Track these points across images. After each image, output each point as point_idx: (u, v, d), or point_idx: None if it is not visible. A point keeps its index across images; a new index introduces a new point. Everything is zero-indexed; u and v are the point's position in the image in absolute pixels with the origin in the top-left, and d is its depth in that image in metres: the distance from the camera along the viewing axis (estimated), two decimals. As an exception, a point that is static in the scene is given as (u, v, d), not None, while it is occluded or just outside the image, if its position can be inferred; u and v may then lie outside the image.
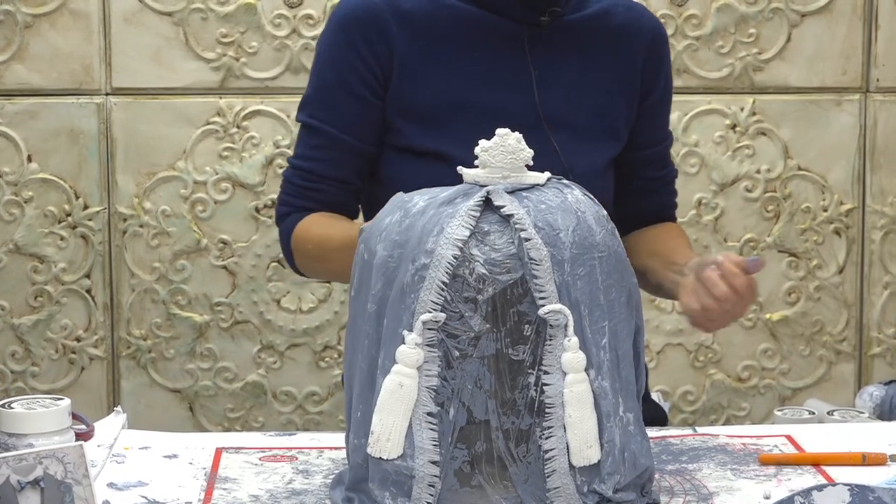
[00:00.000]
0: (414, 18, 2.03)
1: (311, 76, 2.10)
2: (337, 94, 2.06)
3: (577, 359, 1.48)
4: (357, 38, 2.04)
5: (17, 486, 1.26)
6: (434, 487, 1.48)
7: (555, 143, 2.04)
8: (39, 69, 3.08)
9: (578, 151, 2.06)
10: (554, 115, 2.05)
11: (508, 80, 2.04)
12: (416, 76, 2.03)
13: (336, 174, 2.08)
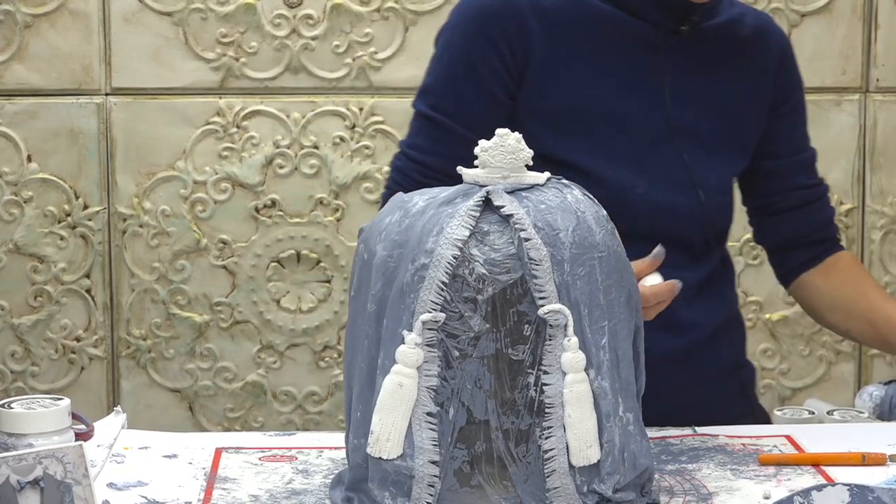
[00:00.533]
0: (553, 16, 1.96)
1: (435, 66, 2.01)
2: (466, 88, 1.97)
3: (576, 359, 1.48)
4: (494, 31, 1.95)
5: (17, 485, 1.26)
6: (434, 487, 1.48)
7: (684, 156, 1.99)
8: (39, 69, 3.08)
9: (708, 165, 2.01)
10: (684, 126, 1.99)
11: (641, 87, 1.98)
12: (552, 77, 1.96)
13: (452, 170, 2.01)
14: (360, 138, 3.11)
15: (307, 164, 3.11)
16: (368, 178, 3.12)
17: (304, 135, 3.11)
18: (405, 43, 3.11)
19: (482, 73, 1.96)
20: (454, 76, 1.98)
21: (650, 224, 1.96)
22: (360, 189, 3.12)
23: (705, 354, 2.03)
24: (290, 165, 3.11)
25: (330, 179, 3.12)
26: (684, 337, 2.01)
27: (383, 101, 3.11)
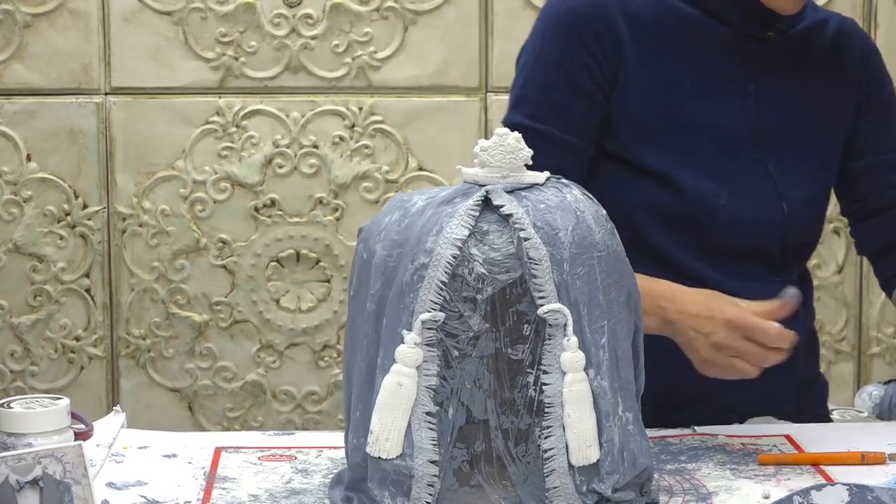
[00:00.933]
0: (640, 19, 1.93)
1: (527, 75, 1.95)
2: (563, 93, 1.92)
3: (576, 358, 1.48)
4: (586, 33, 1.91)
5: (16, 485, 1.26)
6: (433, 487, 1.48)
7: (769, 166, 1.96)
8: (39, 69, 3.08)
9: (792, 175, 1.97)
10: (769, 135, 1.96)
11: (725, 93, 1.95)
12: (639, 80, 1.92)
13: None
14: (359, 138, 3.11)
15: (307, 163, 3.11)
16: (368, 177, 3.12)
17: (304, 134, 3.11)
18: (405, 42, 3.11)
19: (578, 76, 1.92)
20: (550, 82, 1.93)
21: (731, 237, 1.94)
22: (359, 188, 3.12)
23: (783, 369, 2.01)
24: (289, 165, 3.11)
25: (329, 179, 3.12)
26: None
27: (383, 100, 3.11)
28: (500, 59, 3.10)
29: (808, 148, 1.99)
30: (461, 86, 3.11)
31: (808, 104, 1.99)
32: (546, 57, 1.94)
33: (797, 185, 1.98)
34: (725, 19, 1.95)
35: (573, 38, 1.92)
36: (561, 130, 1.92)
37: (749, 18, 1.94)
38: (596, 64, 1.91)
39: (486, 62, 3.11)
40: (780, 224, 1.97)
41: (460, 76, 3.11)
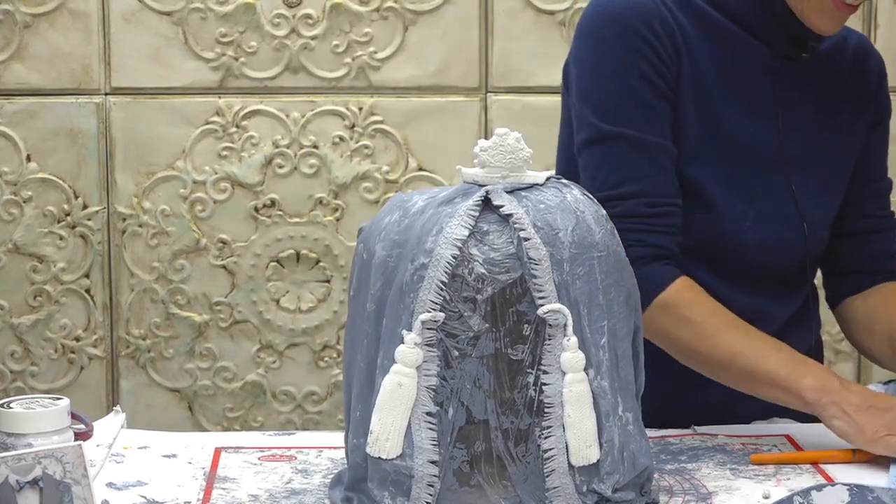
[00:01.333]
0: (685, 28, 1.89)
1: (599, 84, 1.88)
2: (646, 95, 1.86)
3: (576, 358, 1.48)
4: (650, 35, 1.86)
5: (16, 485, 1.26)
6: (433, 487, 1.48)
7: (794, 188, 1.95)
8: (38, 69, 3.08)
9: (814, 197, 1.96)
10: (795, 156, 1.94)
11: (757, 113, 1.92)
12: (687, 89, 1.89)
13: (672, 188, 1.87)
14: (359, 138, 3.11)
15: (306, 163, 3.11)
16: (368, 177, 3.12)
17: (304, 134, 3.11)
18: (404, 42, 3.11)
19: (653, 76, 1.86)
20: (630, 88, 1.86)
21: (754, 258, 1.93)
22: (359, 189, 3.12)
23: None
24: (289, 165, 3.11)
25: (329, 179, 3.12)
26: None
27: (383, 100, 3.11)
28: (499, 59, 3.10)
29: (828, 169, 1.98)
30: (461, 86, 3.11)
31: (831, 125, 1.98)
32: (617, 62, 1.86)
33: (818, 206, 1.98)
34: (765, 38, 1.92)
35: (640, 40, 1.86)
36: (658, 135, 1.86)
37: (788, 39, 1.92)
38: (664, 66, 1.87)
39: (486, 62, 3.11)
40: (801, 245, 1.97)
41: (460, 76, 3.11)
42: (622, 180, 1.85)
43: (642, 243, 1.83)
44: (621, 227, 1.74)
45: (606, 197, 1.81)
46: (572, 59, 1.94)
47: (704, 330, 1.80)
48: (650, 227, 1.85)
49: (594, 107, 1.88)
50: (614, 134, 1.86)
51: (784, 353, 1.78)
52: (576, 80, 1.91)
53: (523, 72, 3.10)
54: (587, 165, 1.89)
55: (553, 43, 3.09)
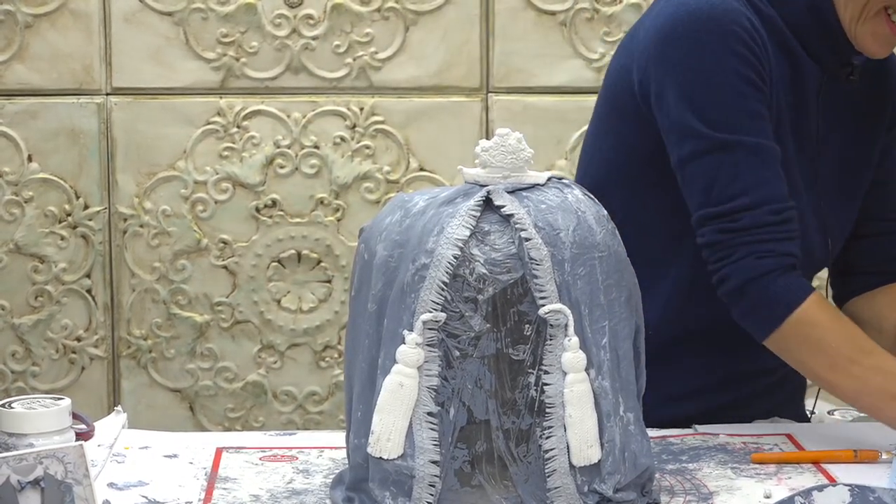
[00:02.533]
0: (763, 37, 1.85)
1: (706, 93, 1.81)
2: (754, 103, 1.81)
3: (577, 358, 1.48)
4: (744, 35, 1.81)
5: (18, 485, 1.26)
6: (434, 487, 1.48)
7: (822, 204, 1.92)
8: (40, 69, 3.08)
9: (838, 213, 1.95)
10: (826, 172, 1.93)
11: (800, 128, 1.89)
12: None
13: (787, 192, 1.82)
14: (360, 138, 3.11)
15: (308, 163, 3.11)
16: (369, 177, 3.12)
17: (305, 135, 3.11)
18: (406, 43, 3.11)
19: (755, 78, 1.82)
20: (739, 94, 1.81)
21: None
22: (360, 189, 3.12)
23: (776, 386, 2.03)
24: (290, 165, 3.11)
25: (330, 179, 3.12)
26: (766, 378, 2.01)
27: (384, 100, 3.11)
28: (500, 59, 3.10)
29: (852, 187, 1.97)
30: (462, 86, 3.11)
31: (857, 143, 1.96)
32: (721, 67, 1.80)
33: (840, 221, 1.97)
34: (815, 55, 1.89)
35: (739, 41, 1.81)
36: (765, 138, 1.81)
37: (838, 60, 1.90)
38: (762, 67, 1.83)
39: (487, 62, 3.11)
40: (823, 259, 1.97)
41: (461, 76, 3.11)
42: (743, 189, 1.79)
43: (773, 253, 1.77)
44: (751, 240, 1.76)
45: (730, 209, 1.78)
46: (658, 70, 1.85)
47: (835, 360, 1.74)
48: (780, 236, 1.79)
49: (703, 116, 1.81)
50: (730, 142, 1.80)
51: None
52: (673, 91, 1.83)
53: (524, 72, 3.10)
54: (696, 178, 1.82)
55: (554, 43, 3.09)
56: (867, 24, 1.85)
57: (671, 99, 1.83)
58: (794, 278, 1.78)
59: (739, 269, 1.74)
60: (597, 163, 1.99)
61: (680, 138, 1.83)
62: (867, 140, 1.98)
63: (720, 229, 1.79)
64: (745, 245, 1.77)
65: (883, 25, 1.84)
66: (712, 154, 1.81)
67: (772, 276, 1.77)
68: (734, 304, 1.79)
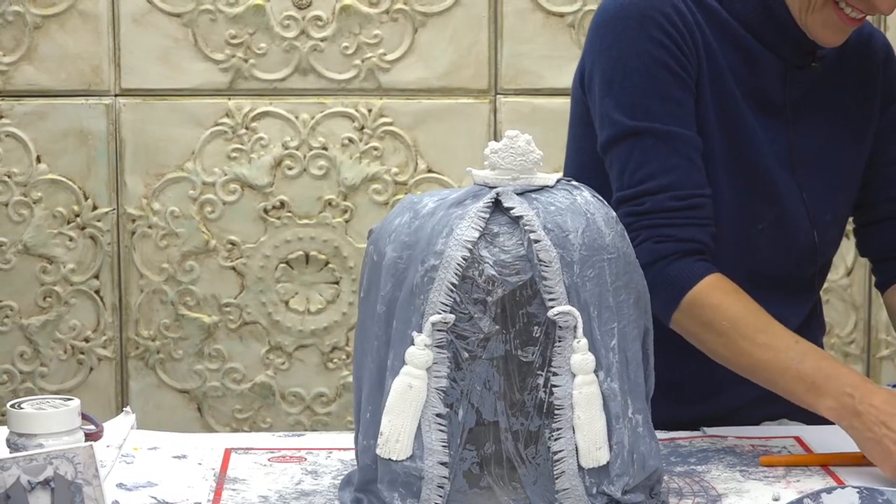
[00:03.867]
0: (702, 27, 1.87)
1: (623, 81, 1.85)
2: (672, 88, 1.83)
3: (586, 360, 1.48)
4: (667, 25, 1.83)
5: (28, 486, 1.26)
6: (443, 489, 1.48)
7: (804, 194, 1.93)
8: (48, 70, 3.08)
9: (823, 202, 1.95)
10: (804, 162, 1.93)
11: (769, 118, 1.91)
12: (705, 87, 1.87)
13: (701, 179, 1.84)
14: (368, 139, 3.11)
15: (316, 165, 3.11)
16: (377, 179, 3.12)
17: (313, 136, 3.11)
18: (414, 44, 3.11)
19: (675, 67, 1.84)
20: (654, 80, 1.83)
21: (765, 263, 1.93)
22: (368, 190, 3.12)
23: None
24: (298, 166, 3.11)
25: (338, 181, 3.12)
26: None
27: (392, 102, 3.11)
28: (509, 61, 3.10)
29: (837, 171, 1.97)
30: (470, 88, 3.12)
31: (841, 123, 1.96)
32: (639, 55, 1.83)
33: (826, 210, 1.96)
34: (773, 47, 1.91)
35: (660, 30, 1.83)
36: (685, 128, 1.84)
37: (795, 49, 1.91)
38: (685, 57, 1.85)
39: (496, 64, 3.11)
40: (810, 250, 1.96)
41: (470, 78, 3.11)
42: (649, 175, 1.83)
43: (672, 238, 1.81)
44: (651, 224, 1.78)
45: (634, 193, 1.82)
46: (589, 58, 1.91)
47: (728, 338, 1.77)
48: (681, 221, 1.82)
49: (618, 103, 1.85)
50: (640, 129, 1.84)
51: (806, 365, 1.73)
52: (598, 77, 1.88)
53: (533, 74, 3.10)
54: (613, 163, 1.86)
55: (562, 45, 3.09)
56: (816, 14, 1.86)
57: (596, 87, 1.88)
58: (690, 262, 1.80)
59: (640, 252, 1.73)
60: (572, 159, 2.01)
61: (601, 125, 1.88)
62: (854, 124, 1.98)
63: (627, 213, 1.82)
64: (646, 229, 1.80)
65: (832, 14, 1.85)
66: (626, 140, 1.84)
67: (668, 261, 1.79)
68: None
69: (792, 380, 1.74)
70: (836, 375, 1.72)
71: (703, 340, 1.81)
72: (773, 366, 1.75)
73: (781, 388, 1.76)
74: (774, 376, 1.76)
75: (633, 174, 1.83)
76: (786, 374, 1.74)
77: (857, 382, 1.72)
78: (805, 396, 1.74)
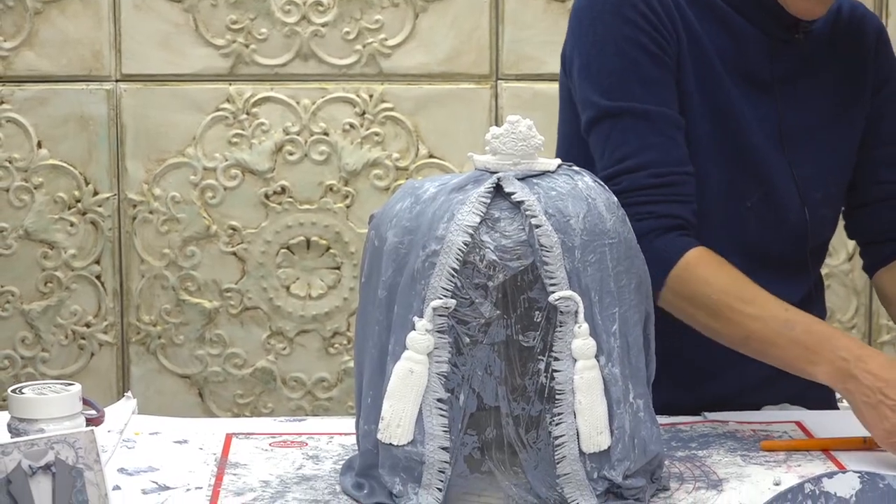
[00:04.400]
0: (680, 6, 1.87)
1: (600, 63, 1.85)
2: (649, 68, 1.84)
3: (587, 345, 1.48)
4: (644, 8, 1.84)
5: (29, 470, 1.26)
6: (444, 473, 1.48)
7: (794, 171, 1.93)
8: (49, 55, 3.08)
9: (814, 179, 1.94)
10: (793, 138, 1.93)
11: (755, 94, 1.91)
12: (688, 66, 1.87)
13: (681, 156, 1.84)
14: (369, 125, 3.11)
15: (317, 150, 3.11)
16: (378, 164, 3.12)
17: (314, 121, 3.11)
18: (415, 30, 3.10)
19: (652, 47, 1.84)
20: (631, 61, 1.84)
21: (755, 240, 1.92)
22: (369, 176, 3.12)
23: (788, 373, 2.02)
24: (299, 152, 3.11)
25: (340, 166, 3.12)
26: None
27: (393, 87, 3.11)
28: (510, 46, 3.10)
29: (828, 151, 1.96)
30: (472, 73, 3.11)
31: (831, 101, 1.96)
32: (615, 37, 1.84)
33: (819, 185, 1.96)
34: (755, 21, 1.91)
35: (636, 12, 1.84)
36: (665, 106, 1.84)
37: (776, 22, 1.91)
38: (662, 38, 1.85)
39: (497, 49, 3.11)
40: (801, 228, 1.96)
41: (471, 63, 3.11)
42: (627, 154, 1.83)
43: (653, 215, 1.81)
44: (631, 202, 1.76)
45: (613, 173, 1.82)
46: (570, 42, 1.92)
47: (717, 309, 1.76)
48: (660, 198, 1.82)
49: (596, 85, 1.86)
50: (618, 109, 1.84)
51: (798, 331, 1.73)
52: (577, 61, 1.89)
53: (534, 59, 3.10)
54: (594, 145, 1.87)
55: (564, 30, 3.07)
56: None
57: (575, 71, 1.89)
58: (672, 237, 1.80)
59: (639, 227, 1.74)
60: (563, 142, 2.01)
61: (583, 108, 1.88)
62: (845, 104, 1.97)
63: None
64: (625, 207, 1.77)
65: None
66: (605, 121, 1.85)
67: (649, 238, 1.77)
68: None
69: (784, 347, 1.73)
70: (829, 339, 1.72)
71: (692, 315, 1.80)
72: (765, 334, 1.74)
73: (775, 356, 1.75)
74: (766, 346, 1.75)
75: (612, 154, 1.84)
76: (778, 341, 1.73)
77: (851, 346, 1.71)
78: (799, 363, 1.73)
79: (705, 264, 1.79)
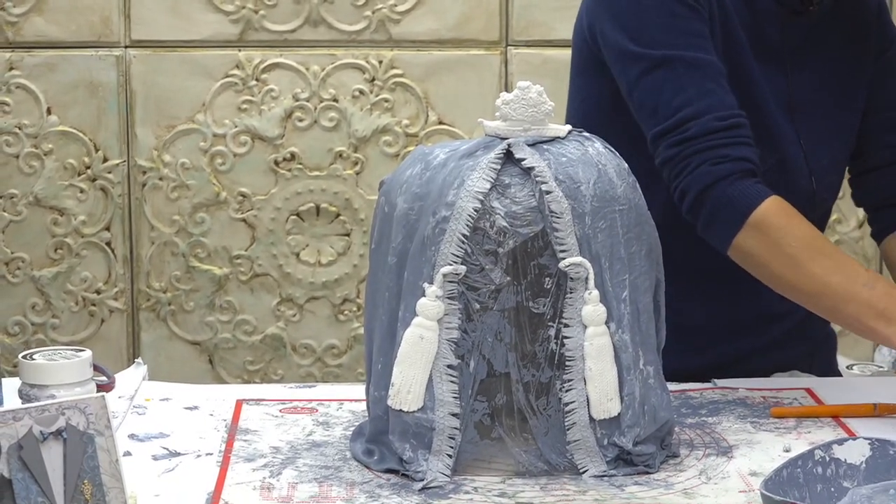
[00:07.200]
0: None
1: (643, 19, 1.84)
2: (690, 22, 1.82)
3: (597, 312, 1.48)
4: None
5: (40, 436, 1.27)
6: (454, 440, 1.48)
7: (801, 140, 1.92)
8: (58, 21, 3.07)
9: (820, 147, 1.94)
10: (801, 106, 1.93)
11: (770, 62, 1.90)
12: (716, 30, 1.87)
13: (735, 102, 1.82)
14: (379, 91, 3.11)
15: (326, 116, 3.11)
16: (388, 131, 3.11)
17: (324, 88, 3.10)
18: (425, -5, 3.10)
19: (690, 2, 1.83)
20: (673, 15, 1.82)
21: None
22: (379, 142, 3.12)
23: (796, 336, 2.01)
24: (309, 118, 3.11)
25: (349, 132, 3.11)
26: (779, 325, 1.99)
27: (403, 53, 3.10)
28: (520, 12, 3.08)
29: (833, 117, 1.96)
30: (481, 39, 3.10)
31: (837, 70, 1.96)
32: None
33: (823, 156, 1.96)
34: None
35: None
36: (705, 53, 1.82)
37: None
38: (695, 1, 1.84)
39: (507, 15, 3.09)
40: (808, 196, 1.95)
41: (480, 29, 3.10)
42: (686, 101, 1.80)
43: (728, 158, 1.77)
44: (702, 147, 1.75)
45: (677, 122, 1.79)
46: (598, 6, 1.89)
47: (796, 259, 1.73)
48: (730, 140, 1.78)
49: (639, 39, 1.83)
50: (668, 57, 1.81)
51: (877, 291, 1.71)
52: (610, 23, 1.86)
53: (544, 25, 3.09)
54: (643, 100, 1.83)
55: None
56: None
57: (608, 31, 1.86)
58: (750, 183, 1.78)
59: (696, 177, 1.74)
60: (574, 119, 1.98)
61: (623, 67, 1.85)
62: (849, 70, 1.97)
63: (671, 143, 1.79)
64: (698, 153, 1.77)
65: None
66: (653, 73, 1.82)
67: (729, 181, 1.76)
68: (696, 217, 1.78)
69: (860, 305, 1.71)
70: None
71: (766, 262, 1.76)
72: (842, 290, 1.72)
73: (845, 314, 1.73)
74: (839, 302, 1.73)
75: (670, 103, 1.80)
76: (855, 299, 1.71)
77: None
78: (872, 322, 1.71)
79: (785, 214, 1.77)
